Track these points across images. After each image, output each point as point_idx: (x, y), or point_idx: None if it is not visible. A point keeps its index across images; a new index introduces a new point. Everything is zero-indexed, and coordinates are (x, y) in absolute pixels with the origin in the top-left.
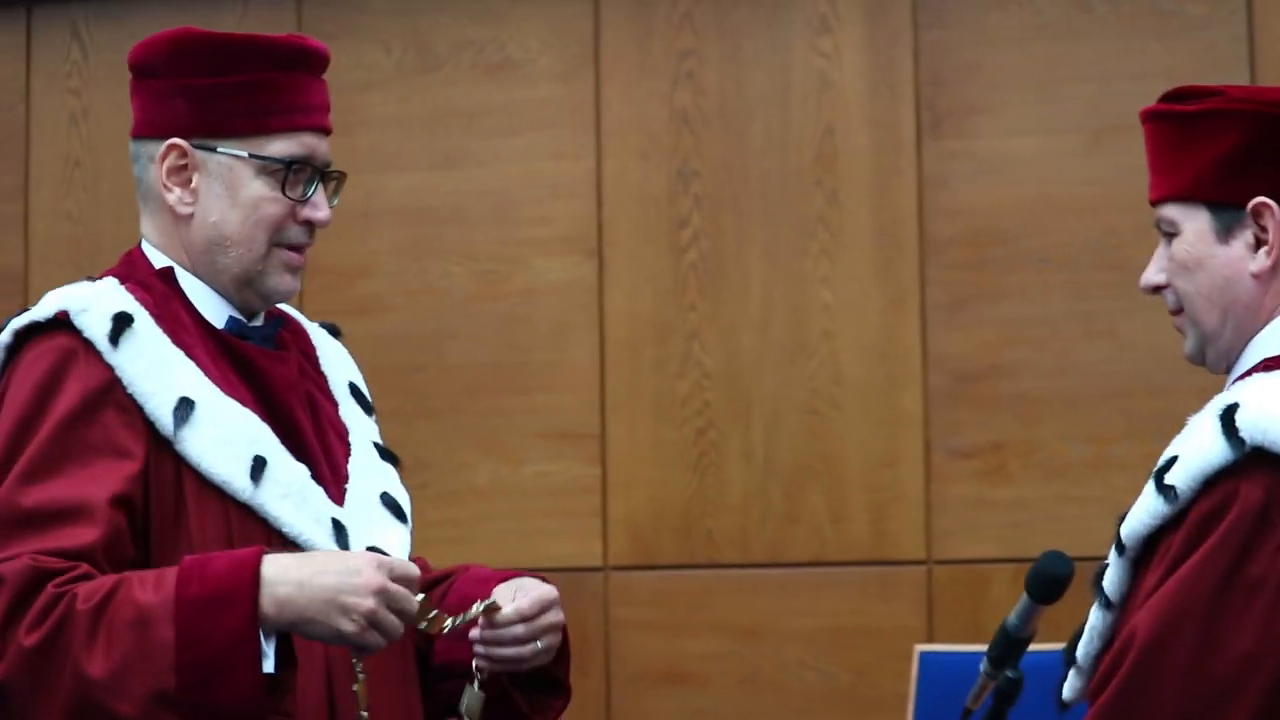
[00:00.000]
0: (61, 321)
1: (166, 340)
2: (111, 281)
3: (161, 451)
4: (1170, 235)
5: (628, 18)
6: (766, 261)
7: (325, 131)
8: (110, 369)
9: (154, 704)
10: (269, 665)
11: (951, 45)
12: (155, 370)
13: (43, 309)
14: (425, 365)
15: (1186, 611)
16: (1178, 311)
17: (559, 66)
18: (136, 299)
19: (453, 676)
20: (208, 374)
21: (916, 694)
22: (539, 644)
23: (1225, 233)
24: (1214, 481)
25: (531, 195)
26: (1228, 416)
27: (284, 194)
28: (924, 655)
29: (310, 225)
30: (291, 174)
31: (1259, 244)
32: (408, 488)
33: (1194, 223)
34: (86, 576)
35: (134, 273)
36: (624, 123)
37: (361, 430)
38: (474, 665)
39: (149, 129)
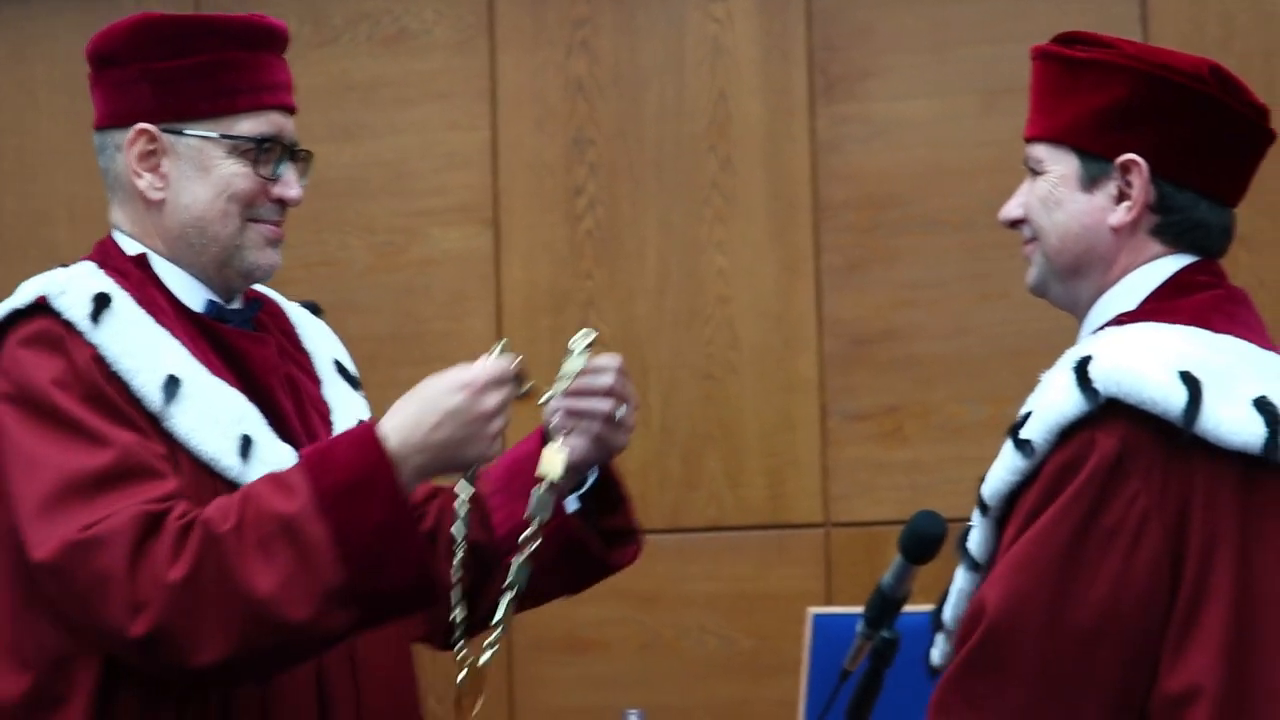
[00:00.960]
0: (41, 306)
1: (149, 320)
2: (88, 265)
3: (153, 428)
4: (1036, 173)
5: None
6: (661, 228)
7: (291, 110)
8: (93, 347)
9: (327, 604)
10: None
11: (843, 9)
12: (139, 348)
13: (20, 297)
14: None
15: (1042, 566)
16: (1031, 241)
17: (454, 37)
18: (115, 282)
19: (515, 548)
20: (192, 354)
21: (811, 657)
22: (624, 410)
23: (1090, 182)
24: (1069, 433)
25: (428, 166)
26: (1081, 369)
27: (255, 172)
28: (818, 618)
29: (282, 203)
30: (262, 152)
31: (1121, 198)
32: None
33: (1061, 166)
34: (195, 512)
35: (109, 260)
36: (519, 92)
37: (348, 407)
38: (550, 427)
39: (113, 118)
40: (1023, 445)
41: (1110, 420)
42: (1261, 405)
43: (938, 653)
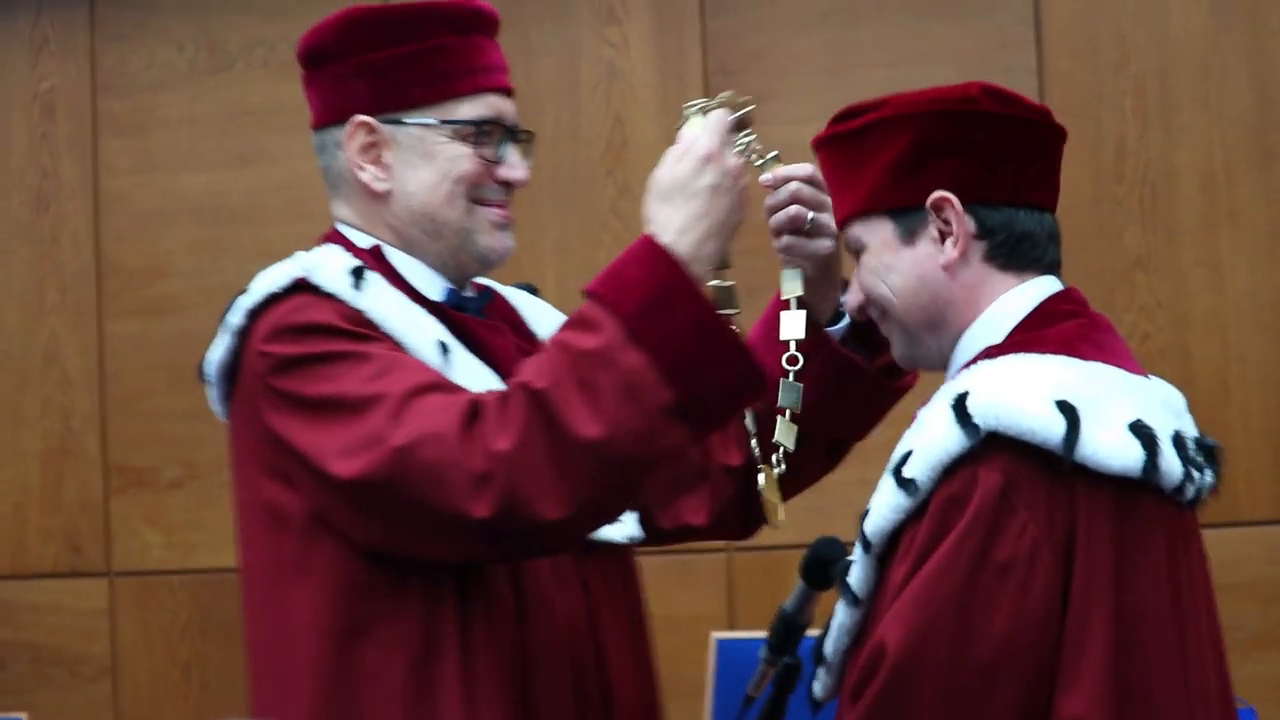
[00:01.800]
0: (298, 286)
1: (402, 295)
2: (333, 247)
3: None
4: (859, 253)
5: None
6: (559, 253)
7: (508, 92)
8: (360, 311)
9: (660, 424)
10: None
11: (738, 33)
12: (403, 312)
13: (270, 281)
14: None
15: (940, 605)
16: (882, 319)
17: None
18: (363, 260)
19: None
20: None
21: (715, 681)
22: (813, 216)
23: (910, 235)
24: (952, 470)
25: (324, 191)
26: (959, 404)
27: (478, 154)
28: (721, 642)
29: (507, 185)
30: (483, 135)
31: (944, 237)
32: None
33: (878, 234)
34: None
35: (348, 249)
36: None
37: None
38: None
39: (330, 114)
40: (906, 484)
41: (991, 454)
42: (1137, 429)
43: (819, 685)
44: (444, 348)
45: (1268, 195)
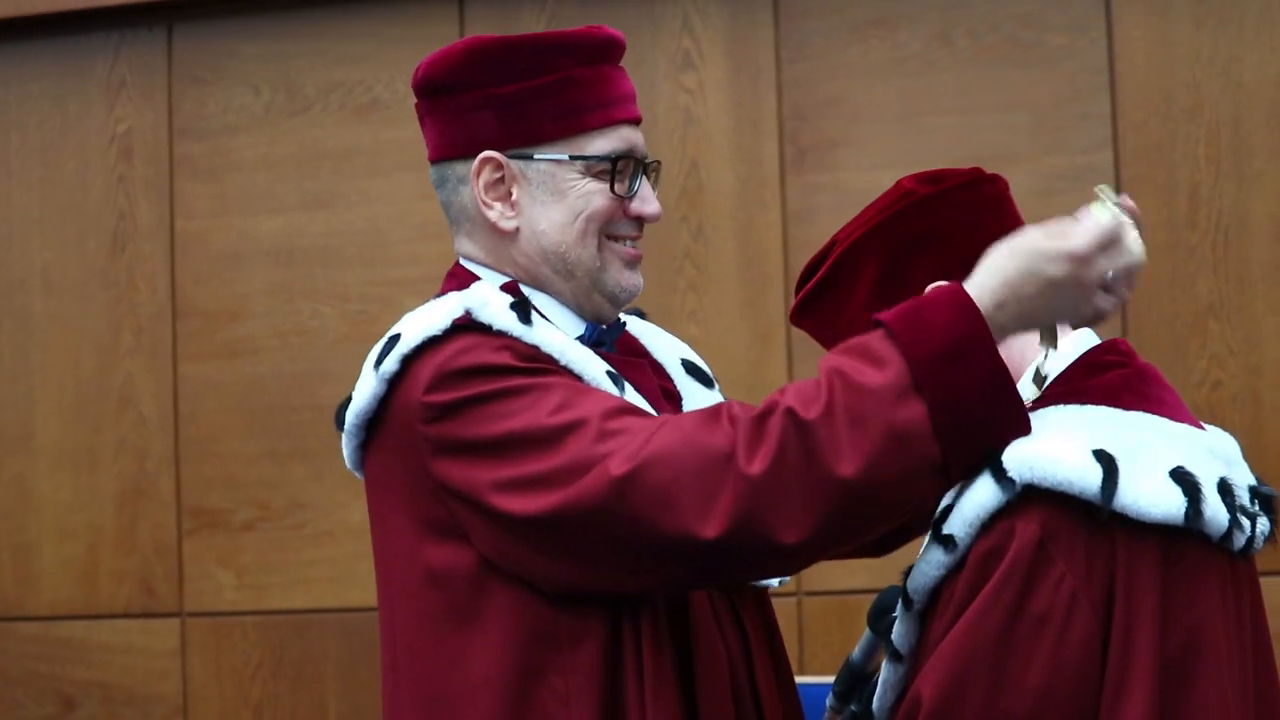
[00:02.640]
0: (461, 326)
1: (558, 329)
2: (484, 284)
3: None
4: None
5: None
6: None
7: (637, 121)
8: (534, 346)
9: (919, 477)
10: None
11: (813, 79)
12: (570, 347)
13: (432, 324)
14: (298, 406)
15: (975, 655)
16: None
17: None
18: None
19: None
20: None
21: None
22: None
23: None
24: (990, 524)
25: (400, 235)
26: (994, 462)
27: (613, 191)
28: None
29: (640, 220)
30: (617, 170)
31: None
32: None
33: None
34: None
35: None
36: None
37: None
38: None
39: (453, 149)
40: (945, 540)
41: (1029, 506)
42: (1179, 476)
43: None
44: (616, 379)
45: None
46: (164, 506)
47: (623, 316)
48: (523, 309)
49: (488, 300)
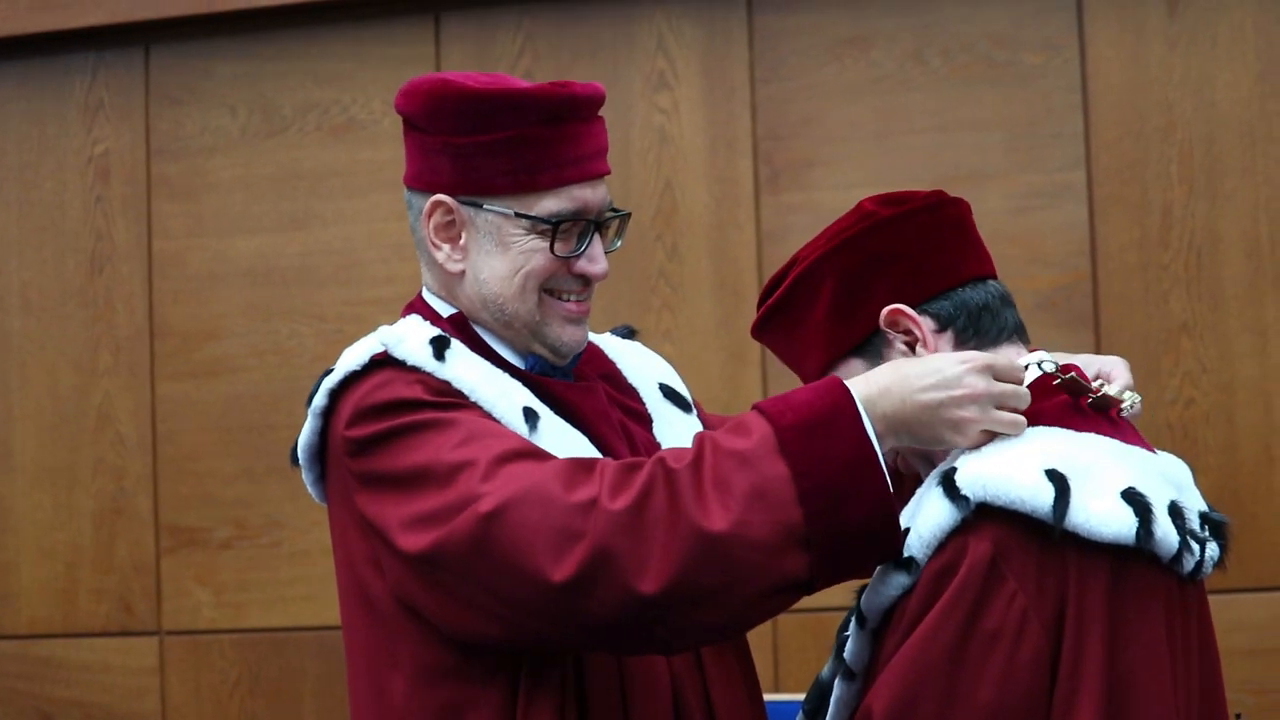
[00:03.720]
0: (379, 362)
1: (486, 363)
2: (413, 317)
3: None
4: None
5: None
6: (609, 317)
7: (599, 176)
8: (446, 381)
9: (782, 543)
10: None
11: (788, 99)
12: (488, 381)
13: (351, 359)
14: (275, 425)
15: (926, 672)
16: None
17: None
18: (445, 331)
19: None
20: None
21: None
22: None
23: (879, 359)
24: (944, 542)
25: (376, 255)
26: (948, 480)
27: (552, 252)
28: (766, 704)
29: (585, 278)
30: (560, 232)
31: (911, 347)
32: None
33: (851, 370)
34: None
35: (428, 317)
36: None
37: (680, 436)
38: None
39: (417, 181)
40: (906, 564)
41: (982, 525)
42: (1130, 497)
43: None
44: (531, 414)
45: None
46: (142, 525)
47: (596, 337)
48: (439, 345)
49: (404, 337)
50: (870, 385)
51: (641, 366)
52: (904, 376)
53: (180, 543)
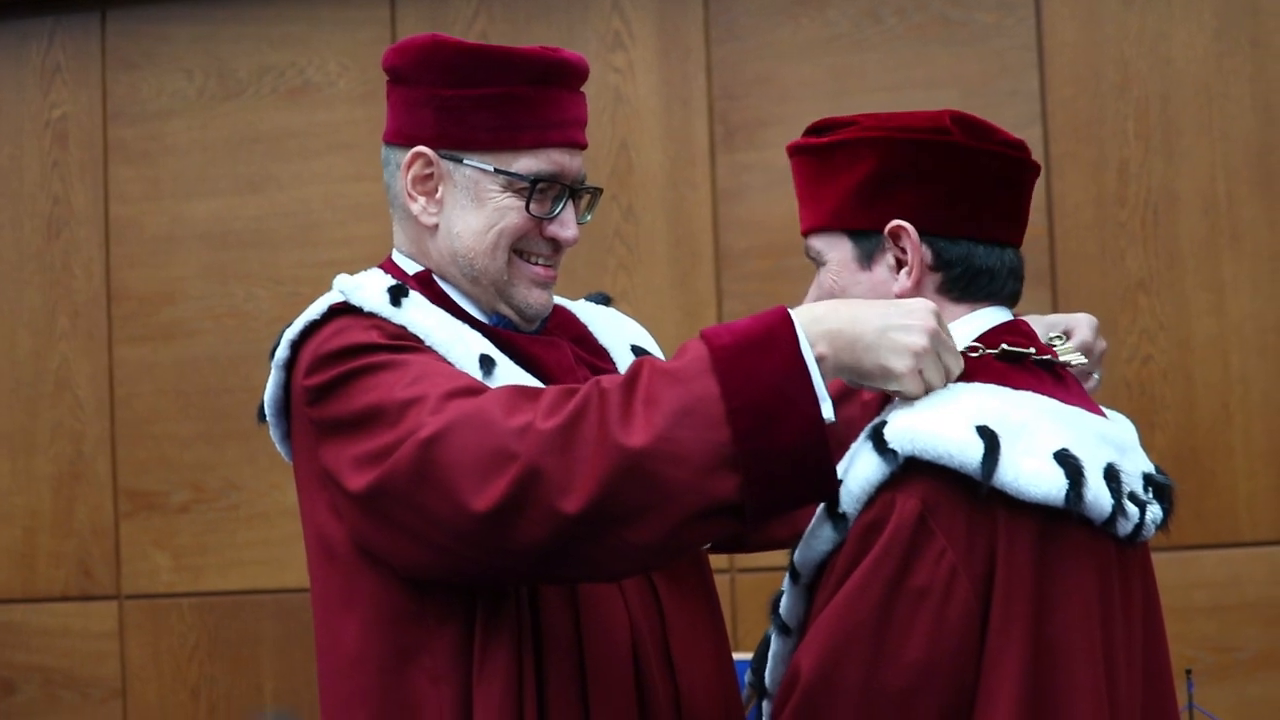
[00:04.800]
0: (337, 310)
1: (446, 313)
2: (375, 270)
3: None
4: (820, 264)
5: None
6: (565, 277)
7: (578, 147)
8: (402, 326)
9: (710, 464)
10: (829, 411)
11: (742, 59)
12: (444, 327)
13: (312, 311)
14: (233, 388)
15: (854, 629)
16: None
17: (358, 89)
18: (406, 284)
19: None
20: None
21: None
22: (1096, 375)
23: (868, 259)
24: (873, 497)
25: (333, 217)
26: (876, 434)
27: (528, 210)
28: None
29: (555, 243)
30: (537, 192)
31: (900, 265)
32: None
33: (838, 252)
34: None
35: (392, 273)
36: None
37: None
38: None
39: (397, 136)
40: (836, 517)
41: (911, 480)
42: (1062, 458)
43: (764, 716)
44: (487, 361)
45: (1270, 218)
46: (100, 489)
47: (568, 302)
48: (397, 293)
49: (361, 284)
50: (818, 307)
51: (614, 329)
52: (860, 300)
53: (139, 506)
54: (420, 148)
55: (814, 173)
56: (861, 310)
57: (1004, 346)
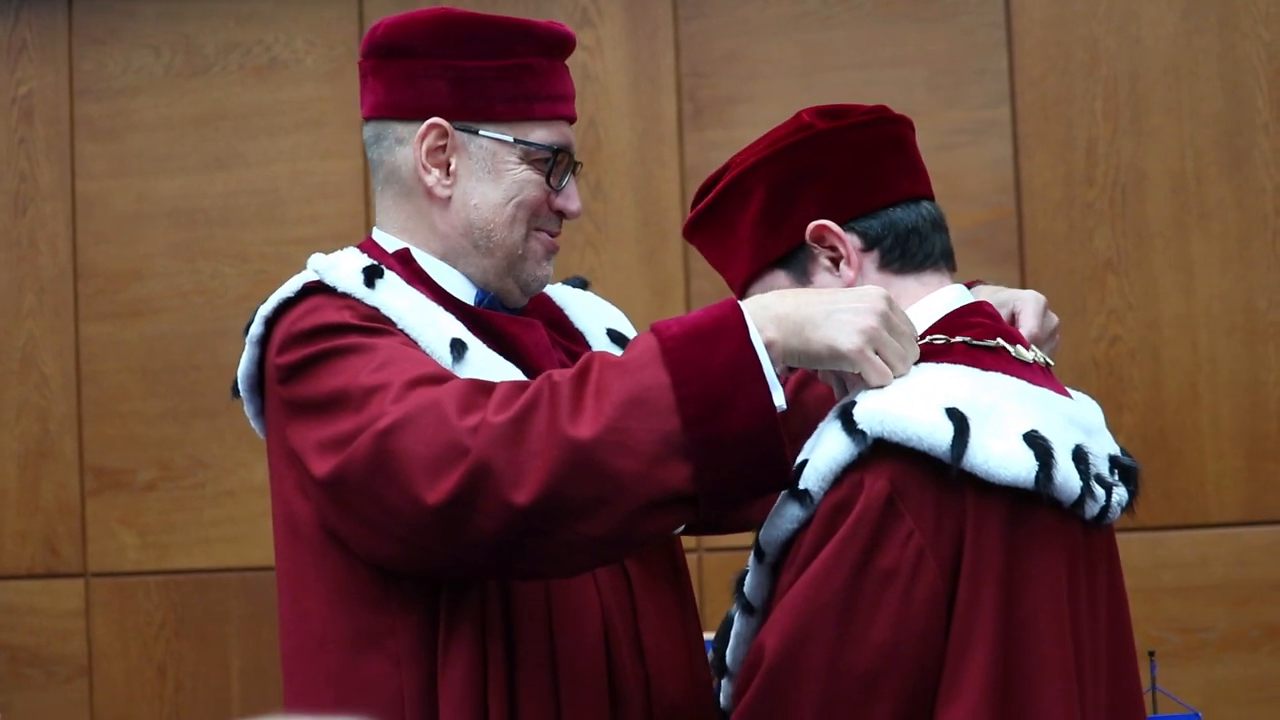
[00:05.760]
0: (310, 289)
1: (420, 295)
2: (351, 249)
3: None
4: None
5: None
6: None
7: (573, 121)
8: (375, 308)
9: (660, 453)
10: (780, 398)
11: (711, 36)
12: (418, 312)
13: (286, 289)
14: (199, 365)
15: (820, 610)
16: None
17: (325, 66)
18: (382, 263)
19: None
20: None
21: None
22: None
23: (804, 273)
24: (841, 477)
25: (300, 195)
26: (846, 414)
27: (547, 181)
28: None
29: (562, 215)
30: (555, 163)
31: (835, 263)
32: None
33: (775, 284)
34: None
35: (370, 253)
36: None
37: None
38: None
39: (398, 110)
40: (801, 495)
41: (879, 461)
42: (1032, 439)
43: (723, 695)
44: (459, 345)
45: (1238, 198)
46: (66, 467)
47: (547, 289)
48: (371, 273)
49: (336, 264)
50: (766, 296)
51: (590, 313)
52: (787, 295)
53: (105, 484)
54: (436, 119)
55: (717, 234)
56: (810, 295)
57: (968, 340)
